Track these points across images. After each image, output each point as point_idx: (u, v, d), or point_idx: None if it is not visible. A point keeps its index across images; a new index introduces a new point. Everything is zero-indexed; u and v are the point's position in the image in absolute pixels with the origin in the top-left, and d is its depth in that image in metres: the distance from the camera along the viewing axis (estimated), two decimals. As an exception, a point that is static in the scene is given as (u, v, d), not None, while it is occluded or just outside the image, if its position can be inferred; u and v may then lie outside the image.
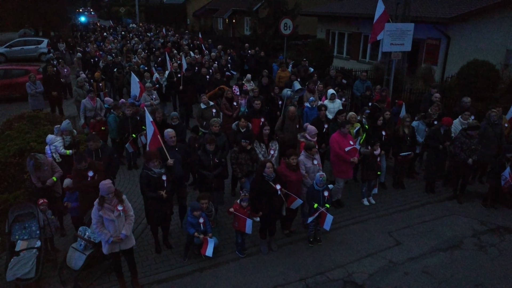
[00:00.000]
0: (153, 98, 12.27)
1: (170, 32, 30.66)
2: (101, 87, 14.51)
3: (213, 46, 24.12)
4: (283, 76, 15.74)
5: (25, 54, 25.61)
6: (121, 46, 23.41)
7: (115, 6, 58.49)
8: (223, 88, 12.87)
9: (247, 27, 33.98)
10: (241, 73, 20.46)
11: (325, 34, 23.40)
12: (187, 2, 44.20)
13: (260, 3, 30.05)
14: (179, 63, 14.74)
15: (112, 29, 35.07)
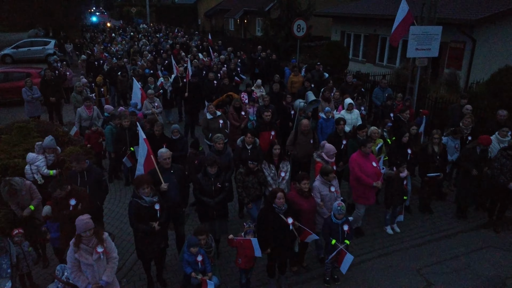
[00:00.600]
0: (155, 106, 11.34)
1: (180, 33, 29.76)
2: (103, 92, 13.64)
3: (223, 48, 23.16)
4: (295, 81, 14.71)
5: (32, 55, 24.95)
6: (129, 47, 22.57)
7: (127, 6, 57.92)
8: (231, 95, 11.87)
9: (259, 28, 32.95)
10: (251, 76, 19.47)
11: (340, 35, 22.25)
12: (198, 2, 43.35)
13: (272, 3, 29.02)
14: (186, 66, 13.77)
15: (121, 30, 34.32)
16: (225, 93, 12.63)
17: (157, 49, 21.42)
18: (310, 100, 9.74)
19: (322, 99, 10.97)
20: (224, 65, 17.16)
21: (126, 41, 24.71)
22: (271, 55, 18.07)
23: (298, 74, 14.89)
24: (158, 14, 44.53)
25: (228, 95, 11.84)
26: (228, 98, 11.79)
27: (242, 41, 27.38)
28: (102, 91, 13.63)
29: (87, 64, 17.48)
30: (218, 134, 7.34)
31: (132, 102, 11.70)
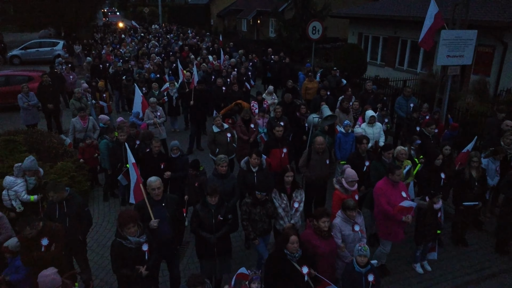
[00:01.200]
0: (157, 116, 10.39)
1: (191, 34, 28.85)
2: (105, 98, 12.76)
3: (235, 50, 22.15)
4: (310, 87, 13.65)
5: (40, 57, 24.32)
6: (137, 49, 21.73)
7: (140, 6, 57.35)
8: (240, 104, 10.87)
9: (272, 29, 31.89)
10: (263, 81, 18.42)
11: (357, 38, 21.07)
12: (211, 3, 42.43)
13: (286, 3, 27.92)
14: (195, 70, 12.81)
15: (132, 30, 33.58)
16: (234, 101, 11.67)
17: (166, 51, 20.52)
18: (326, 116, 8.66)
19: (340, 110, 9.89)
20: (235, 69, 16.18)
21: (135, 42, 23.87)
22: (284, 58, 17.02)
23: (313, 80, 13.82)
24: (170, 14, 43.73)
25: (237, 104, 10.85)
26: (236, 107, 10.80)
27: (255, 43, 26.36)
28: (104, 97, 12.74)
29: (92, 67, 16.66)
30: (220, 156, 6.33)
31: (133, 111, 10.79)
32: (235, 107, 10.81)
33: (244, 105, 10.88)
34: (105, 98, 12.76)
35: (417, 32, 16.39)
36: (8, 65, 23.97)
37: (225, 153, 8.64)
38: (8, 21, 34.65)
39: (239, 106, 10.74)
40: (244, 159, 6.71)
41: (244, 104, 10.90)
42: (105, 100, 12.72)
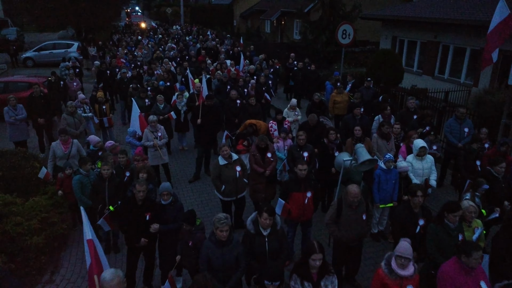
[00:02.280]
0: (158, 137, 8.72)
1: (211, 36, 27.21)
2: (105, 110, 11.21)
3: (255, 54, 20.38)
4: (339, 100, 11.76)
5: (54, 59, 23.16)
6: (152, 52, 20.21)
7: (164, 6, 56.27)
8: (255, 125, 9.09)
9: (297, 30, 29.95)
10: (285, 89, 16.56)
11: (390, 42, 18.93)
12: (234, 3, 40.80)
13: (312, 4, 25.97)
14: (204, 82, 11.09)
15: (151, 31, 32.23)
16: (251, 117, 9.92)
17: (182, 55, 18.91)
18: (363, 160, 6.74)
19: (379, 136, 7.97)
20: (254, 76, 14.40)
21: (152, 44, 22.41)
22: (310, 65, 15.10)
23: (342, 92, 11.90)
24: (192, 14, 42.27)
25: (252, 125, 9.06)
26: (251, 129, 9.01)
27: (278, 46, 24.49)
28: (104, 108, 11.19)
29: (98, 73, 15.20)
30: (220, 215, 4.53)
31: (129, 130, 9.17)
32: (249, 128, 9.02)
33: (260, 126, 9.08)
34: (105, 110, 11.20)
35: (462, 37, 14.17)
36: (19, 68, 22.94)
37: (234, 191, 6.93)
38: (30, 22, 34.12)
39: (253, 127, 8.95)
40: (251, 217, 4.91)
41: (260, 126, 9.09)
42: (105, 113, 11.17)
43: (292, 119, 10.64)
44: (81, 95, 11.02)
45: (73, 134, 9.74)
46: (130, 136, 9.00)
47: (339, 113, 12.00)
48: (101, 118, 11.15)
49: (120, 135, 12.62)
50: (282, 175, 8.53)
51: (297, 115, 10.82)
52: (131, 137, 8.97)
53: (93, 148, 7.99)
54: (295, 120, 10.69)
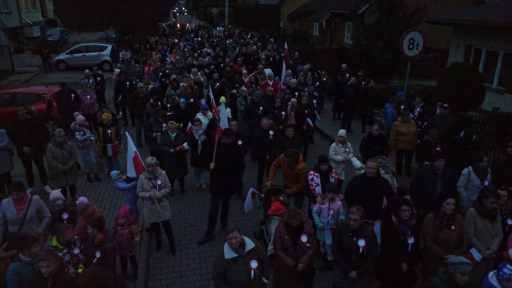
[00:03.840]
0: (156, 185, 6.35)
1: (253, 39, 24.71)
2: (110, 135, 9.05)
3: (300, 62, 17.67)
4: (404, 131, 8.94)
5: (87, 62, 21.68)
6: (186, 58, 18.03)
7: (211, 6, 54.59)
8: (297, 154, 6.52)
9: (348, 34, 26.85)
10: (333, 107, 13.74)
11: (463, 51, 15.54)
12: (282, 3, 38.14)
13: (367, 5, 22.83)
14: (223, 108, 8.59)
15: (192, 33, 30.26)
16: (287, 152, 7.34)
17: (216, 63, 16.59)
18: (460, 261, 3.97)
19: (478, 212, 5.10)
20: (295, 92, 11.78)
21: (188, 48, 20.30)
22: (368, 81, 12.17)
23: (409, 120, 9.01)
24: (237, 15, 40.02)
25: (292, 153, 6.50)
26: (291, 159, 6.46)
27: (326, 53, 21.57)
28: (110, 133, 9.04)
29: (116, 85, 13.16)
30: None
31: (112, 174, 6.99)
32: (287, 159, 6.48)
33: (299, 170, 6.50)
34: (111, 135, 9.04)
35: None
36: (52, 72, 21.67)
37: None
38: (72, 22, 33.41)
39: (295, 156, 6.38)
40: None
41: (300, 169, 6.52)
42: (110, 139, 9.02)
43: (340, 158, 7.94)
44: (80, 116, 8.89)
45: (59, 171, 7.65)
46: (118, 182, 6.72)
47: (404, 148, 9.13)
48: (104, 144, 9.02)
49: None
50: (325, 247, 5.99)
51: (347, 151, 8.09)
52: (119, 183, 6.69)
53: (56, 207, 5.68)
54: (345, 160, 7.98)
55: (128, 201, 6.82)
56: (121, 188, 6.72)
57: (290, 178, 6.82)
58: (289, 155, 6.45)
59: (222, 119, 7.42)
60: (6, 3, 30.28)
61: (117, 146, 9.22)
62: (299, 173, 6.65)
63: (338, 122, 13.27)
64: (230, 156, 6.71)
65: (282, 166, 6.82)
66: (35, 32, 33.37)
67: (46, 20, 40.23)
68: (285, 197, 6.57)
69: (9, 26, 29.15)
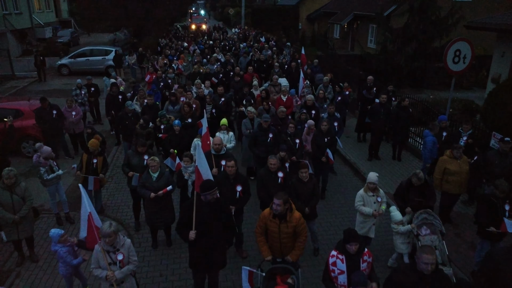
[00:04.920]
0: (116, 261, 4.52)
1: (270, 42, 22.72)
2: (96, 166, 7.30)
3: (319, 70, 15.66)
4: (454, 169, 6.96)
5: (90, 67, 20.17)
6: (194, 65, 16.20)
7: (228, 7, 52.77)
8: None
9: (372, 37, 24.62)
10: (357, 126, 11.69)
11: (510, 62, 13.23)
12: (300, 4, 36.02)
13: (394, 6, 20.57)
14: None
15: (205, 36, 28.44)
16: (300, 200, 5.48)
17: (225, 71, 14.71)
18: None
19: None
20: (312, 111, 9.83)
21: (196, 54, 18.49)
22: (403, 99, 10.03)
23: (460, 156, 6.97)
24: (253, 16, 37.99)
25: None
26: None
27: (348, 59, 19.41)
28: (95, 163, 7.30)
29: (107, 99, 11.43)
30: None
31: (53, 235, 5.15)
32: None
33: (298, 222, 4.61)
34: (96, 165, 7.30)
35: None
36: (53, 79, 20.16)
37: None
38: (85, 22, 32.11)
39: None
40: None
41: (298, 220, 4.65)
42: (95, 169, 7.27)
43: (370, 211, 5.99)
44: (45, 148, 7.12)
45: (8, 221, 5.92)
46: (62, 254, 4.94)
47: (452, 192, 7.09)
48: (86, 175, 7.26)
49: (116, 196, 8.69)
50: None
51: (379, 201, 6.11)
52: (64, 255, 4.91)
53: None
54: (376, 214, 6.01)
55: (64, 274, 5.05)
56: (61, 256, 4.93)
57: (285, 240, 4.93)
58: (281, 197, 4.63)
59: (200, 164, 5.44)
60: (17, 4, 29.16)
61: (101, 179, 7.46)
62: (297, 227, 4.81)
63: (364, 145, 11.23)
64: (216, 218, 4.82)
65: (270, 226, 4.92)
66: (47, 33, 32.22)
67: (60, 21, 39.20)
68: (295, 279, 4.66)
69: (19, 27, 27.98)
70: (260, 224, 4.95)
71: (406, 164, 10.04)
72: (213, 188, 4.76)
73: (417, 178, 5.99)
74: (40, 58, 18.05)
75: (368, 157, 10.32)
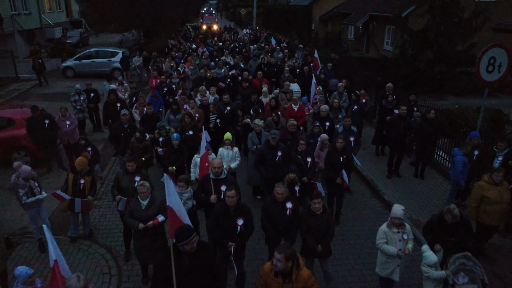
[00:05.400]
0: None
1: (281, 44, 21.72)
2: (83, 187, 6.49)
3: (333, 74, 14.67)
4: (493, 197, 6.12)
5: (96, 69, 19.50)
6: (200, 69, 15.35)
7: (240, 7, 51.83)
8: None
9: (388, 39, 23.48)
10: (374, 138, 10.67)
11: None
12: (313, 4, 34.95)
13: (413, 7, 19.43)
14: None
15: (215, 37, 27.57)
16: (312, 236, 4.54)
17: (233, 76, 13.80)
18: None
19: None
20: (326, 122, 8.88)
21: (205, 56, 17.63)
22: (428, 110, 8.99)
23: (501, 181, 5.95)
24: (265, 16, 36.96)
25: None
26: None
27: (363, 63, 18.31)
28: (82, 184, 6.49)
29: (105, 106, 10.63)
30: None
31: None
32: None
33: (307, 282, 3.63)
34: (84, 186, 6.48)
35: None
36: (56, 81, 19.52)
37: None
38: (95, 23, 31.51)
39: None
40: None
41: (306, 279, 3.72)
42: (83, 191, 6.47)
43: (395, 251, 5.05)
44: (24, 167, 6.30)
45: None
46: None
47: (490, 224, 6.08)
48: (72, 197, 6.45)
49: (108, 217, 7.86)
50: None
51: (406, 238, 5.15)
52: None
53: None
54: (401, 254, 5.06)
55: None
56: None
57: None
58: (283, 251, 3.68)
59: (172, 202, 4.44)
60: (26, 4, 28.75)
61: (89, 202, 6.65)
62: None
63: (382, 159, 10.20)
64: (199, 272, 3.92)
65: (272, 286, 3.94)
66: (57, 33, 31.81)
67: (71, 21, 38.81)
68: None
69: (27, 28, 27.54)
70: (260, 281, 4.00)
71: (430, 183, 9.00)
72: (190, 236, 3.86)
73: (451, 215, 5.01)
74: (39, 61, 17.10)
75: (387, 174, 9.32)
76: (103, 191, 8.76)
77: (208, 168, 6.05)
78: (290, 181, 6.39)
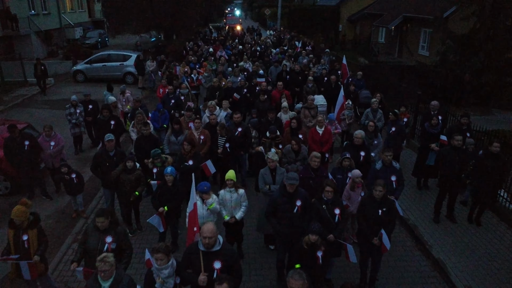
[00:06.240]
0: None
1: (306, 49, 19.84)
2: (28, 244, 4.95)
3: (363, 84, 12.78)
4: None
5: (108, 73, 18.18)
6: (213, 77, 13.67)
7: (265, 7, 49.98)
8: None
9: (424, 44, 21.23)
10: (415, 170, 8.70)
11: None
12: (341, 4, 32.82)
13: (454, 7, 17.19)
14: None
15: (237, 39, 25.88)
16: None
17: (250, 85, 12.09)
18: None
19: None
20: (361, 152, 7.08)
21: (222, 61, 16.01)
22: (491, 143, 7.06)
23: None
24: (290, 17, 34.97)
25: None
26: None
27: (398, 71, 16.21)
28: (26, 241, 4.95)
29: (98, 125, 9.13)
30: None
31: None
32: None
33: None
34: (28, 243, 4.94)
35: None
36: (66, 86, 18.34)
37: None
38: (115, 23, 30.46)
39: None
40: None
41: None
42: (28, 250, 4.92)
43: None
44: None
45: None
46: None
47: None
48: (16, 261, 4.94)
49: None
50: None
51: None
52: None
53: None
54: None
55: None
56: None
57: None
58: None
59: None
60: (45, 4, 27.95)
61: (35, 266, 5.09)
62: None
63: (425, 195, 8.30)
64: None
65: None
66: (77, 34, 30.94)
67: (92, 21, 38.03)
68: None
69: (46, 28, 26.70)
70: None
71: (489, 232, 7.04)
72: None
73: None
74: (41, 68, 15.60)
75: (433, 217, 7.42)
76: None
77: (196, 235, 4.38)
78: (311, 244, 4.68)
